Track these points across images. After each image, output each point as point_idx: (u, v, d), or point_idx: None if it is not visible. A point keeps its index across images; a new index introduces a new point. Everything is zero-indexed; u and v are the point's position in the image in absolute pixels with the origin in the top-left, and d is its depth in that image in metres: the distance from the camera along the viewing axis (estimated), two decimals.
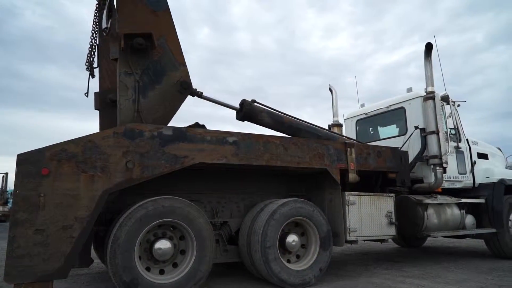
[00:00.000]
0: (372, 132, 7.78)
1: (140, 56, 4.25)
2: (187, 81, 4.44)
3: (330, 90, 8.66)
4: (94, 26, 4.95)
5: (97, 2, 5.05)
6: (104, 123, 5.09)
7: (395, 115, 7.14)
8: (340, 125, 8.30)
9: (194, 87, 4.55)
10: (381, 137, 7.47)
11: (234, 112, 5.14)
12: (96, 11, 5.03)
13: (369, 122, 7.81)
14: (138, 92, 4.15)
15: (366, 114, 7.69)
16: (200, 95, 4.60)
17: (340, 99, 8.58)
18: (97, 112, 5.24)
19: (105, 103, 5.09)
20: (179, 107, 4.42)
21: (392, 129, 7.59)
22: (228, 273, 5.34)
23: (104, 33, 4.26)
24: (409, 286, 4.47)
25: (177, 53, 4.45)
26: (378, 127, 7.83)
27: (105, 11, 4.29)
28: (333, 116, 8.53)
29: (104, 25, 4.19)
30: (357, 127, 7.94)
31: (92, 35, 4.93)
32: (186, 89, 4.40)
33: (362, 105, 8.14)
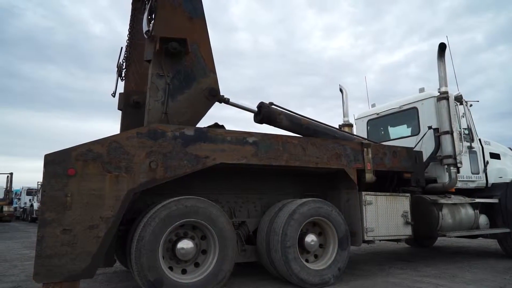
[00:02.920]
0: (383, 132, 7.79)
1: (173, 60, 4.34)
2: (215, 88, 4.52)
3: (341, 90, 8.68)
4: (129, 29, 5.06)
5: (132, 7, 5.14)
6: (125, 123, 5.15)
7: (407, 115, 7.15)
8: (350, 125, 8.31)
9: None
10: (392, 137, 7.48)
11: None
12: (132, 15, 5.15)
13: (380, 122, 7.82)
14: (168, 95, 4.22)
15: (378, 114, 7.70)
16: (227, 101, 4.67)
17: (340, 99, 8.58)
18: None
19: (128, 104, 5.15)
20: (205, 113, 4.50)
21: (403, 129, 7.60)
22: (245, 273, 5.36)
23: (145, 35, 4.33)
24: (427, 286, 4.48)
25: (208, 60, 4.55)
26: (389, 127, 7.85)
27: (145, 14, 4.37)
28: (344, 116, 8.55)
29: (145, 28, 4.29)
30: (368, 127, 7.95)
31: (128, 39, 5.05)
32: (214, 96, 4.50)
33: (373, 105, 8.15)
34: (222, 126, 4.62)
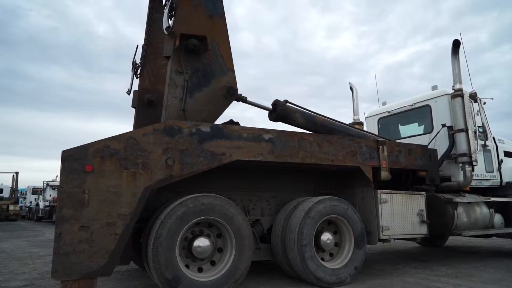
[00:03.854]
0: (393, 131, 7.71)
1: (192, 57, 4.32)
2: (233, 87, 4.50)
3: (351, 88, 8.61)
4: (146, 28, 5.05)
5: (149, 6, 5.14)
6: (138, 121, 5.12)
7: (419, 113, 7.07)
8: (361, 124, 8.25)
9: None
10: (402, 136, 7.40)
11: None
12: (149, 14, 5.15)
13: (391, 120, 7.74)
14: (186, 92, 4.18)
15: (389, 112, 7.62)
16: (244, 100, 4.64)
17: (344, 99, 8.57)
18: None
19: (142, 102, 5.13)
20: (222, 112, 4.47)
21: (414, 128, 7.52)
22: (259, 272, 5.31)
23: (165, 32, 4.31)
24: (446, 286, 4.41)
25: (227, 59, 4.53)
26: (399, 125, 7.77)
27: (166, 11, 4.35)
28: (354, 115, 8.48)
29: (165, 24, 4.27)
30: (379, 125, 7.88)
31: (145, 38, 5.04)
32: (232, 95, 4.47)
33: (384, 103, 8.07)
34: (237, 123, 4.57)
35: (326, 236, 4.59)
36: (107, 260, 3.35)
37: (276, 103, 4.88)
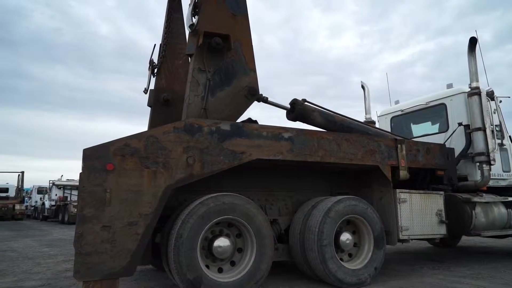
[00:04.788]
0: (406, 130, 7.63)
1: (215, 55, 4.27)
2: (255, 87, 4.44)
3: (363, 87, 8.53)
4: (164, 28, 5.03)
5: (168, 6, 5.11)
6: (154, 120, 5.08)
7: (433, 112, 6.98)
8: (373, 122, 8.16)
9: None
10: (415, 135, 7.32)
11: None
12: (167, 14, 5.13)
13: (404, 119, 7.65)
14: (208, 90, 4.12)
15: (402, 111, 7.53)
16: (266, 100, 4.58)
17: (346, 98, 8.53)
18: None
19: (158, 101, 5.08)
20: (243, 112, 4.41)
21: (426, 127, 7.43)
22: (276, 272, 5.24)
23: (189, 29, 4.27)
24: (468, 287, 4.33)
25: (249, 59, 4.48)
26: (411, 124, 7.68)
27: (190, 9, 4.32)
28: (366, 113, 8.41)
29: (189, 22, 4.23)
30: (392, 124, 7.79)
31: (163, 37, 5.02)
32: (253, 95, 4.42)
33: (397, 102, 7.99)
34: (256, 121, 4.50)
35: (346, 236, 4.52)
36: (129, 260, 3.29)
37: (294, 102, 4.81)
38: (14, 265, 6.06)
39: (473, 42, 6.14)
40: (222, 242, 3.80)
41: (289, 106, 4.85)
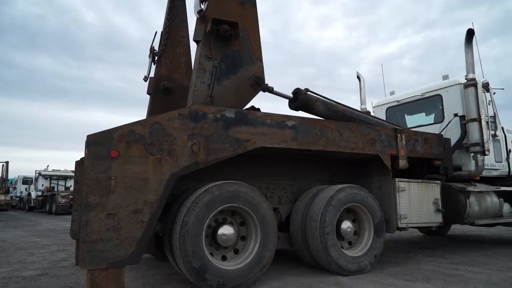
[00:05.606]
0: (401, 120, 7.70)
1: (222, 43, 4.21)
2: (261, 77, 4.40)
3: (358, 78, 8.56)
4: (166, 15, 4.90)
5: None
6: (153, 108, 4.99)
7: (429, 102, 7.06)
8: (368, 113, 8.20)
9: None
10: (409, 126, 7.40)
11: None
12: (170, 1, 5.01)
13: (399, 110, 7.72)
14: (214, 78, 4.06)
15: (398, 101, 7.60)
16: (271, 90, 4.55)
17: (336, 90, 8.57)
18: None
19: (157, 89, 4.99)
20: (249, 101, 4.38)
21: (420, 118, 7.53)
22: (278, 260, 5.27)
23: (197, 15, 4.18)
24: (465, 273, 4.44)
25: (256, 48, 4.43)
26: (406, 115, 7.77)
27: None
28: (361, 104, 8.45)
29: (197, 8, 4.13)
30: (387, 115, 7.86)
31: (166, 25, 4.90)
32: (259, 84, 4.38)
33: (392, 93, 8.04)
34: (258, 109, 4.46)
35: (346, 225, 4.56)
36: (134, 248, 3.25)
37: (297, 91, 4.78)
38: (7, 255, 5.94)
39: (470, 34, 6.19)
40: (226, 230, 3.79)
41: (291, 95, 4.82)
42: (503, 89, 6.93)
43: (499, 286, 3.82)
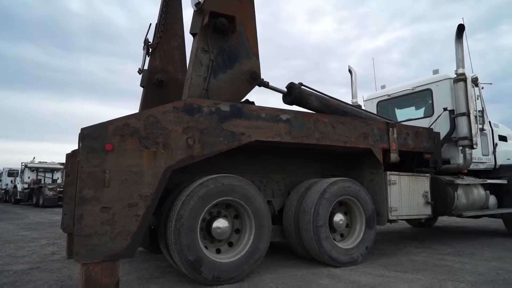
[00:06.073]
0: (392, 114, 7.80)
1: (219, 36, 4.19)
2: (257, 72, 4.39)
3: (350, 71, 8.61)
4: (162, 7, 4.83)
5: None
6: (146, 101, 4.94)
7: (419, 97, 7.16)
8: (359, 107, 8.28)
9: None
10: (399, 119, 7.50)
11: None
12: None
13: (390, 104, 7.82)
14: (211, 71, 4.03)
15: (389, 95, 7.68)
16: (267, 85, 4.55)
17: (325, 83, 8.64)
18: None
19: (151, 82, 4.93)
20: (244, 96, 4.36)
21: (410, 112, 7.64)
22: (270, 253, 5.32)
23: (194, 7, 4.12)
24: (453, 264, 4.57)
25: (252, 43, 4.42)
26: (396, 109, 7.87)
27: None
28: (352, 98, 8.53)
29: (195, 0, 4.10)
30: (378, 109, 7.94)
31: (162, 17, 4.84)
32: (255, 79, 4.37)
33: (383, 87, 8.13)
34: (253, 103, 4.46)
35: (339, 217, 4.63)
36: (129, 242, 3.24)
37: (291, 86, 4.79)
38: None
39: (461, 29, 6.28)
40: (221, 223, 3.80)
41: (285, 90, 4.83)
42: (491, 83, 7.08)
43: (485, 276, 3.95)
